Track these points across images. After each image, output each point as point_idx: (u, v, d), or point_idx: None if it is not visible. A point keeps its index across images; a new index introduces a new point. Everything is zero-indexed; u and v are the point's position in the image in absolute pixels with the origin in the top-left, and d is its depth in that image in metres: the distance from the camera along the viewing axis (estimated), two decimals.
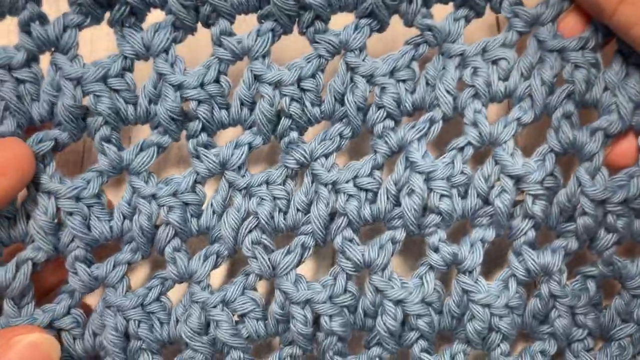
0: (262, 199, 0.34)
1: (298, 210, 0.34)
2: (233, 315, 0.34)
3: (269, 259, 0.34)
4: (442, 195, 0.34)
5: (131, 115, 0.34)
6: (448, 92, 0.34)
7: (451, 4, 0.34)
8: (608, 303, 0.37)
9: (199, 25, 0.34)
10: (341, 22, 0.34)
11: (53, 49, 0.33)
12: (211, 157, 0.34)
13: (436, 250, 0.34)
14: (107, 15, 0.34)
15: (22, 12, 0.32)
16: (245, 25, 0.34)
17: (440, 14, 0.34)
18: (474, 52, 0.34)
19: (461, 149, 0.34)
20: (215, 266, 0.35)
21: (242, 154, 0.34)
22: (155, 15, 0.34)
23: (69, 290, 0.34)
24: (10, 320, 0.33)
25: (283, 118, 0.34)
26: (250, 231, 0.34)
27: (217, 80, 0.34)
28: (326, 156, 0.34)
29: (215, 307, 0.34)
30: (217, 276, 0.39)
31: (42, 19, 0.33)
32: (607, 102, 0.33)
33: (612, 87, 0.33)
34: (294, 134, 0.35)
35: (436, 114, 0.34)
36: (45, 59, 0.34)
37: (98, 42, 0.38)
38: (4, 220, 0.33)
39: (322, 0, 0.32)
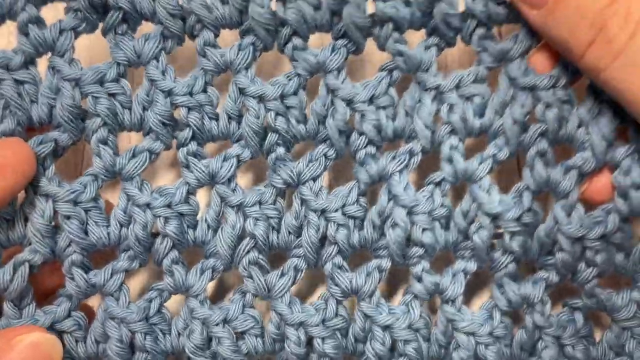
0: (257, 219, 0.35)
1: (289, 232, 0.35)
2: (233, 331, 0.36)
3: (264, 280, 0.35)
4: (424, 229, 0.34)
5: (127, 120, 0.35)
6: (426, 126, 0.34)
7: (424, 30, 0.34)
8: (602, 334, 0.36)
9: (187, 40, 0.35)
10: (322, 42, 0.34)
11: (50, 53, 0.34)
12: (201, 167, 0.35)
13: (419, 280, 0.35)
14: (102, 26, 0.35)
15: (21, 14, 0.33)
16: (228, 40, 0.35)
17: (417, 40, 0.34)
18: (449, 87, 0.34)
19: (438, 184, 0.34)
20: (211, 279, 0.36)
21: (231, 167, 0.35)
22: (147, 29, 0.35)
23: (67, 294, 0.35)
24: (12, 322, 0.34)
25: (269, 133, 0.35)
26: (247, 252, 0.35)
27: (204, 91, 0.35)
28: (314, 179, 0.35)
29: (217, 324, 0.35)
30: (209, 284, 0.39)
31: (40, 22, 0.34)
32: (582, 138, 0.33)
33: (585, 124, 0.33)
34: (280, 150, 0.35)
35: (415, 146, 0.34)
36: (42, 64, 0.35)
37: (96, 57, 0.39)
38: (3, 222, 0.34)
39: (297, 16, 0.33)
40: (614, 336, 0.36)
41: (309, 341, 0.36)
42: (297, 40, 0.34)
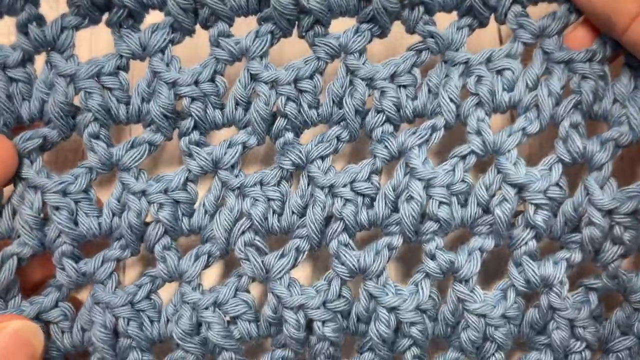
0: (256, 199, 0.34)
1: (293, 212, 0.34)
2: (225, 316, 0.34)
3: (262, 261, 0.34)
4: (441, 203, 0.33)
5: (122, 114, 0.34)
6: (451, 100, 0.33)
7: (455, 12, 0.34)
8: (608, 315, 0.36)
9: (199, 27, 0.34)
10: (342, 28, 0.34)
11: (49, 49, 0.33)
12: (203, 154, 0.34)
13: (433, 257, 0.34)
14: (106, 15, 0.34)
15: (20, 14, 0.32)
16: (241, 28, 0.34)
17: (444, 22, 0.34)
18: (479, 60, 0.34)
19: (463, 157, 0.33)
20: (207, 266, 0.34)
21: (235, 153, 0.34)
22: (155, 17, 0.34)
23: (56, 285, 0.34)
24: None
25: (278, 118, 0.34)
26: (243, 233, 0.34)
27: (212, 80, 0.34)
28: (322, 158, 0.34)
29: (206, 308, 0.33)
30: (210, 275, 0.38)
31: (40, 20, 0.33)
32: (617, 113, 0.33)
33: (621, 99, 0.33)
34: (289, 135, 0.34)
35: (438, 121, 0.34)
36: (39, 59, 0.34)
37: (97, 42, 0.38)
38: None
39: (323, 5, 0.32)
40: (625, 316, 0.35)
41: (308, 324, 0.34)
42: (319, 28, 0.34)
